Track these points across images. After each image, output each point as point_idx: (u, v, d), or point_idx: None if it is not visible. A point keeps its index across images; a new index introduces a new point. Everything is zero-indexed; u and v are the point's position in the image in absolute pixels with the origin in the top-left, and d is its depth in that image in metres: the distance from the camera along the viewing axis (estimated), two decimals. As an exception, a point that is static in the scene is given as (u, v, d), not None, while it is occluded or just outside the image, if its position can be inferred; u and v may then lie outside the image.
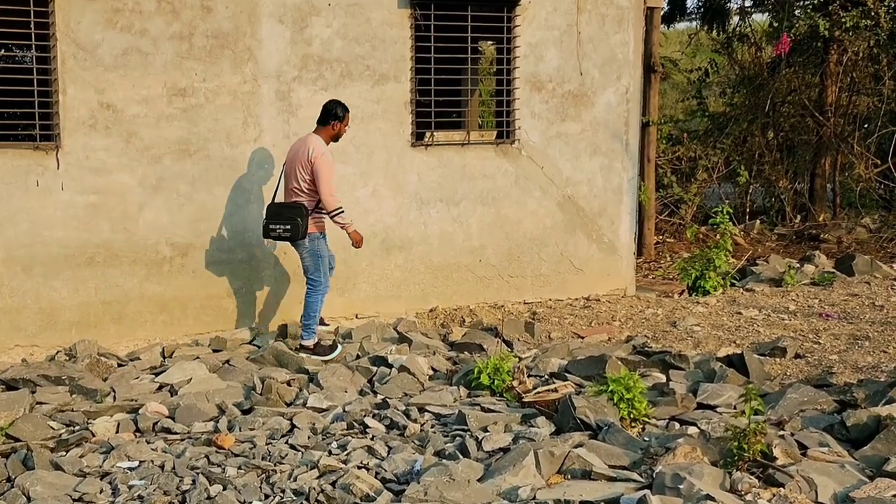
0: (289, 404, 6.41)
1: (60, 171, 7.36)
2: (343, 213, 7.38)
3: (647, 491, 4.28)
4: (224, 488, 4.81)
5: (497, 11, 8.72)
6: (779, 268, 10.42)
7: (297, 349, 7.50)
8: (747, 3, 15.39)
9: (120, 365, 7.26)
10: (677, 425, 5.51)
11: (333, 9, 8.09)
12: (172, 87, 7.63)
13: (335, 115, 7.43)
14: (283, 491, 4.75)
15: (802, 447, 4.93)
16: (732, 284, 9.88)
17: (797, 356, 7.10)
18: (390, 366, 6.97)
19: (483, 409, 5.85)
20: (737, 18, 15.35)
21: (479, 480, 4.67)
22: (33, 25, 7.20)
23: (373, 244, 7.78)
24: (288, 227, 7.26)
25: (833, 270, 10.22)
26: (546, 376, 6.62)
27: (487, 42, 11.19)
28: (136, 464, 5.23)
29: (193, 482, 4.89)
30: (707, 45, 16.35)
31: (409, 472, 4.89)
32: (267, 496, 4.74)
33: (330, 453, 5.26)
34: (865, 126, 13.90)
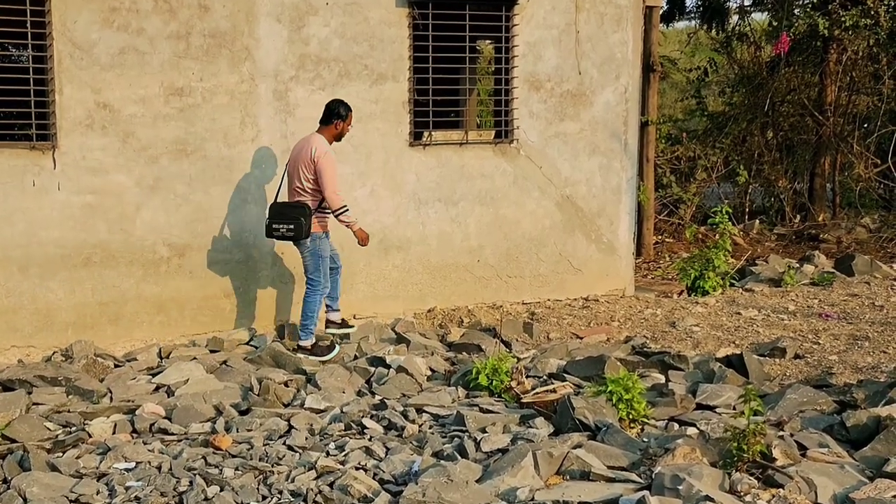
0: (286, 405, 6.40)
1: (57, 171, 7.34)
2: (348, 211, 7.38)
3: (646, 492, 4.28)
4: (221, 489, 4.81)
5: (495, 10, 8.70)
6: (778, 268, 10.41)
7: (294, 350, 7.49)
8: (746, 2, 15.39)
9: (117, 366, 7.25)
10: (676, 426, 5.51)
11: (331, 8, 8.07)
12: (169, 86, 7.61)
13: (338, 114, 7.42)
14: (280, 492, 4.75)
15: (802, 448, 4.93)
16: (732, 284, 9.86)
17: (797, 356, 7.10)
18: (388, 366, 6.97)
19: (481, 410, 5.85)
20: (736, 17, 15.34)
21: (477, 481, 4.67)
22: (29, 24, 7.18)
23: (371, 244, 7.75)
24: (291, 226, 7.25)
25: (833, 270, 10.21)
26: (545, 377, 6.61)
27: (486, 41, 11.16)
28: (132, 465, 5.22)
29: (190, 483, 4.89)
30: (706, 44, 16.34)
31: (407, 473, 4.89)
32: (264, 497, 4.74)
33: (328, 454, 5.26)
34: (865, 125, 13.88)
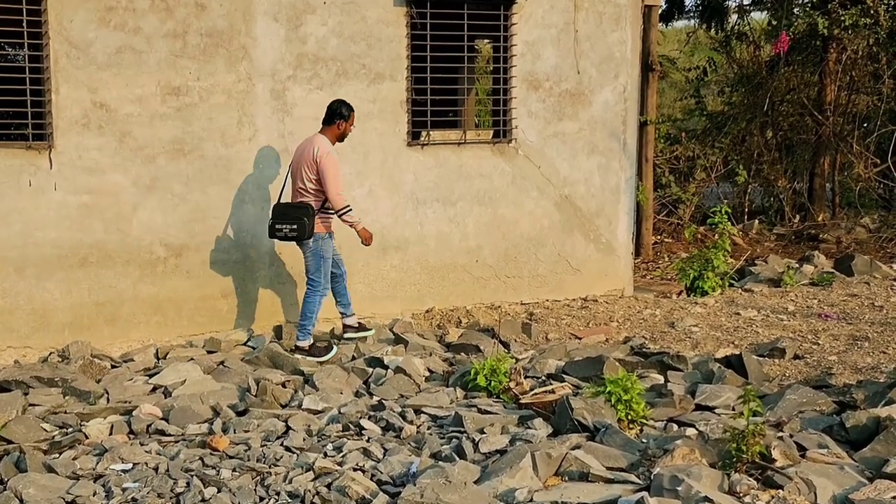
0: (284, 406, 6.39)
1: (53, 170, 7.32)
2: (351, 211, 7.39)
3: (644, 493, 4.27)
4: (218, 490, 4.81)
5: (494, 9, 8.68)
6: (777, 268, 10.39)
7: (292, 350, 7.47)
8: (746, 1, 15.37)
9: (113, 366, 7.24)
10: (675, 427, 5.50)
11: (329, 7, 8.05)
12: (166, 85, 7.59)
13: (340, 114, 7.41)
14: (277, 493, 4.75)
15: (801, 449, 4.92)
16: (731, 285, 9.84)
17: (796, 357, 7.09)
18: (386, 367, 6.95)
19: (480, 411, 5.84)
20: (735, 17, 15.33)
21: (475, 482, 4.66)
22: (26, 24, 7.16)
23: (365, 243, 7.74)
24: (294, 226, 7.25)
25: (832, 271, 10.19)
26: (543, 377, 6.60)
27: (484, 40, 11.14)
28: (129, 466, 5.21)
29: (188, 484, 4.88)
30: (705, 43, 16.31)
31: (405, 475, 4.88)
32: (262, 499, 4.73)
33: (325, 455, 5.25)
34: (865, 125, 13.85)
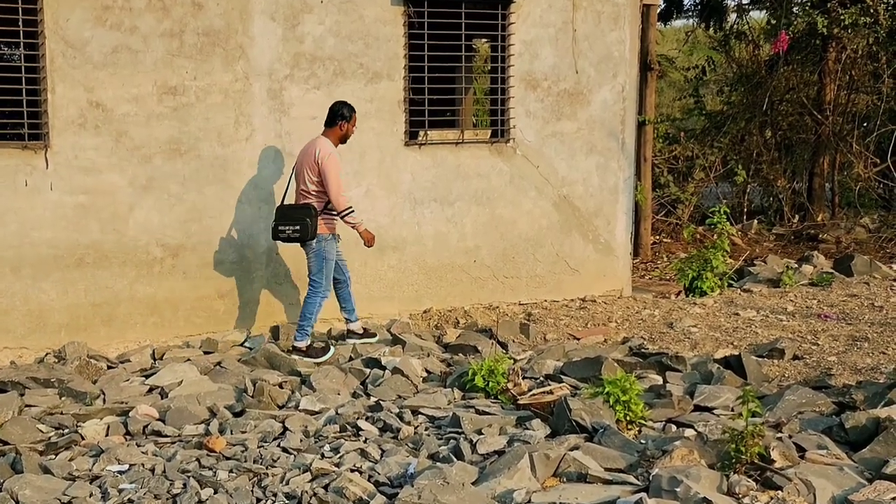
0: (281, 407, 6.38)
1: (49, 170, 7.29)
2: (353, 212, 7.40)
3: (643, 494, 4.27)
4: (215, 492, 4.80)
5: (491, 9, 8.66)
6: (777, 268, 10.37)
7: (289, 351, 7.45)
8: (745, 0, 15.35)
9: (110, 367, 7.22)
10: (674, 427, 5.49)
11: (326, 6, 8.02)
12: (163, 85, 7.56)
13: (342, 115, 7.41)
14: (275, 494, 4.74)
15: (800, 449, 4.92)
16: (730, 285, 9.83)
17: (795, 357, 7.08)
18: (383, 368, 6.94)
19: (477, 412, 5.84)
20: (734, 16, 15.30)
21: (473, 484, 4.65)
22: (21, 23, 7.14)
23: (364, 244, 7.69)
24: (297, 227, 7.26)
25: (832, 271, 10.17)
26: (541, 378, 6.59)
27: (482, 40, 11.13)
28: (126, 467, 5.20)
29: (184, 486, 4.88)
30: (704, 42, 16.28)
31: (402, 476, 4.87)
32: (259, 500, 4.73)
33: (322, 456, 5.25)
34: (864, 125, 13.84)
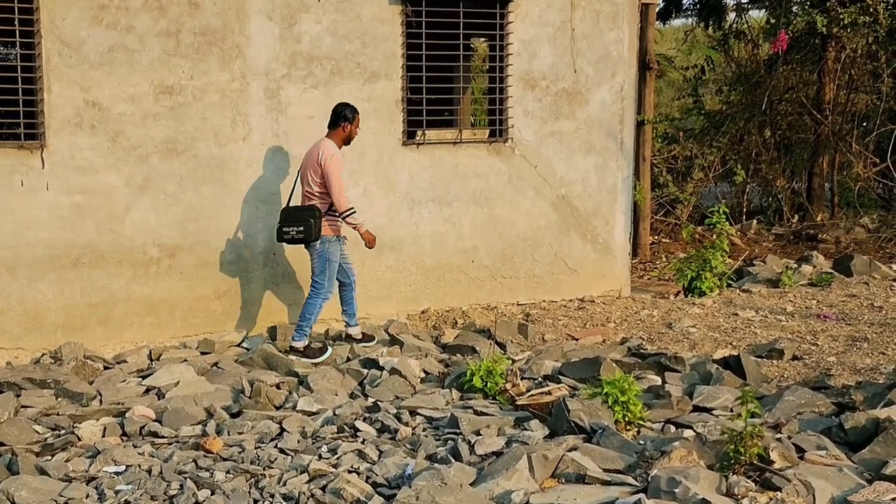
0: (278, 407, 6.37)
1: (45, 170, 7.27)
2: (355, 213, 7.38)
3: (642, 495, 4.27)
4: (212, 493, 4.80)
5: (490, 8, 8.64)
6: (776, 268, 10.36)
7: (286, 351, 7.43)
8: (744, -1, 15.34)
9: (106, 368, 7.21)
10: (673, 428, 5.49)
11: (323, 5, 8.00)
12: (159, 84, 7.54)
13: (344, 116, 7.41)
14: (272, 496, 4.73)
15: (800, 450, 4.92)
16: (729, 285, 9.81)
17: (794, 358, 7.07)
18: (381, 368, 6.93)
19: (476, 413, 5.83)
20: (733, 15, 15.30)
21: (471, 485, 4.66)
22: (17, 22, 7.12)
23: (363, 245, 7.69)
24: (301, 228, 7.26)
25: (831, 271, 10.16)
26: (540, 379, 6.58)
27: (480, 39, 11.11)
28: (122, 468, 5.19)
29: (181, 487, 4.87)
30: (703, 41, 16.28)
31: (400, 477, 4.87)
32: (256, 501, 4.72)
33: (320, 457, 5.24)
34: (864, 124, 13.82)
